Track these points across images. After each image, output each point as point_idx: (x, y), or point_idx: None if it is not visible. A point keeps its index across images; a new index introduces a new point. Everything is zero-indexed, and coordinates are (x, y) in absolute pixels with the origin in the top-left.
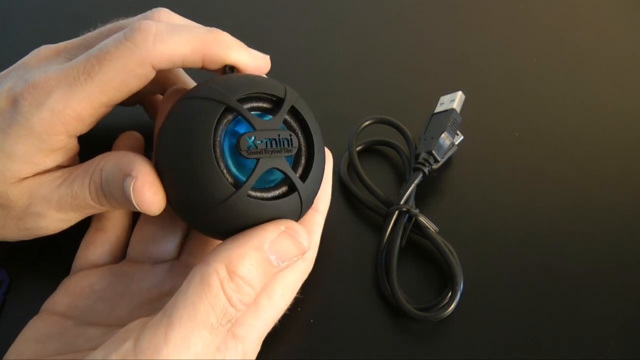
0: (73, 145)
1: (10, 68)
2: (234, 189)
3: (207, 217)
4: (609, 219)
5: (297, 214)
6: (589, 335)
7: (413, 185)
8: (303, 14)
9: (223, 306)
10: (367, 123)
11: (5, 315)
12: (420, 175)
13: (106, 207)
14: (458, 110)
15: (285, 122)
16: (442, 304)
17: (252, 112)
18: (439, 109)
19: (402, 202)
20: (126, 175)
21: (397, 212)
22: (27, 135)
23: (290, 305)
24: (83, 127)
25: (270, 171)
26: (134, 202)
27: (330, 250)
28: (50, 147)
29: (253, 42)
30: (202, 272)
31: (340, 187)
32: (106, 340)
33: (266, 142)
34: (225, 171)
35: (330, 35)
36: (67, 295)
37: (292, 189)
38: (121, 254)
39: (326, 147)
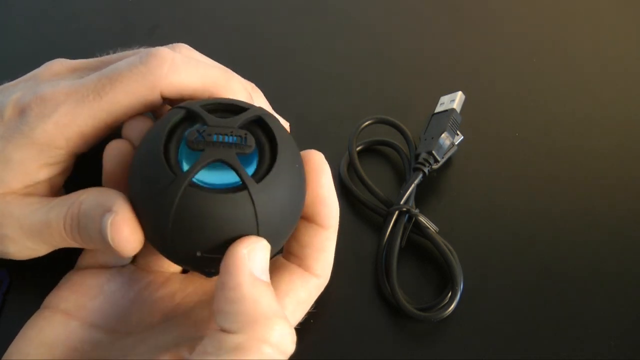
0: (69, 164)
1: (22, 78)
2: (173, 175)
3: (157, 213)
4: (609, 219)
5: (251, 221)
6: (589, 335)
7: (413, 185)
8: (303, 14)
9: None
10: (367, 123)
11: (5, 315)
12: (420, 175)
13: (77, 242)
14: (458, 110)
15: (247, 127)
16: (442, 304)
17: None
18: (439, 109)
19: (402, 202)
20: (106, 210)
21: (397, 212)
22: (27, 144)
23: (302, 319)
24: (84, 145)
25: (228, 174)
26: (109, 238)
27: None
28: (47, 160)
29: (253, 42)
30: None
31: (340, 187)
32: (113, 349)
33: (216, 136)
34: (171, 163)
35: (330, 35)
36: (73, 292)
37: (243, 187)
38: (131, 261)
39: (323, 153)
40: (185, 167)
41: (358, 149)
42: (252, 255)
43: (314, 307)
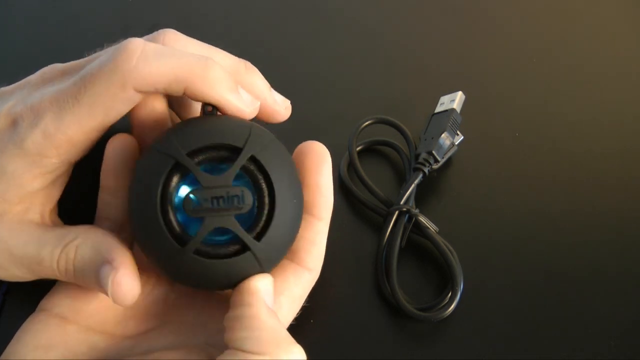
0: (64, 171)
1: (16, 85)
2: (178, 246)
3: (167, 271)
4: (609, 219)
5: (256, 268)
6: (589, 335)
7: (413, 185)
8: (303, 14)
9: None
10: (367, 123)
11: (5, 315)
12: (420, 175)
13: (70, 281)
14: (458, 110)
15: (244, 173)
16: (442, 304)
17: (204, 165)
18: (439, 109)
19: (402, 202)
20: (105, 262)
21: (397, 212)
22: (19, 155)
23: (297, 314)
24: (76, 152)
25: (224, 229)
26: (108, 292)
27: (330, 250)
28: (40, 170)
29: (253, 41)
30: None
31: (340, 187)
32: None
33: (213, 201)
34: (173, 228)
35: (330, 35)
36: (68, 295)
37: (245, 248)
38: None
39: (326, 147)
40: (185, 228)
41: (358, 149)
42: (265, 288)
43: (307, 301)
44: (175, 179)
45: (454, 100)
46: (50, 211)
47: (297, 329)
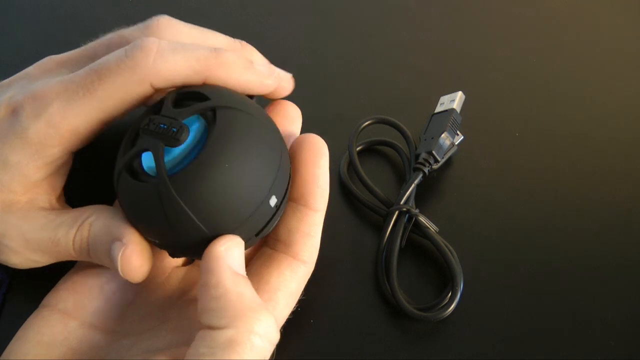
0: (66, 160)
1: (14, 77)
2: (130, 178)
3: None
4: (610, 219)
5: (157, 207)
6: (589, 335)
7: (413, 185)
8: (303, 13)
9: None
10: (367, 123)
11: (5, 315)
12: (420, 175)
13: (86, 259)
14: (458, 110)
15: (194, 120)
16: (442, 304)
17: (178, 104)
18: (439, 109)
19: (402, 202)
20: (115, 239)
21: (397, 212)
22: (22, 145)
23: (294, 308)
24: (79, 142)
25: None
26: (119, 268)
27: (331, 250)
28: (44, 160)
29: (253, 41)
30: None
31: (340, 187)
32: (111, 349)
33: (157, 125)
34: (132, 164)
35: (330, 35)
36: (73, 292)
37: (159, 179)
38: None
39: (325, 140)
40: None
41: (358, 149)
42: (229, 252)
43: (303, 294)
44: (151, 114)
45: (454, 100)
46: (57, 198)
47: (297, 329)
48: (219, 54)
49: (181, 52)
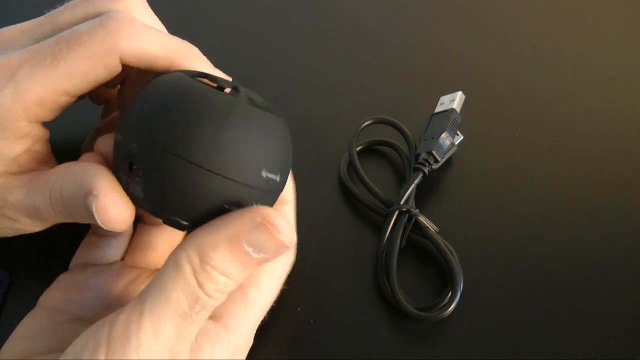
0: (39, 131)
1: None
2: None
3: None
4: (610, 219)
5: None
6: (589, 335)
7: (413, 185)
8: (303, 14)
9: (194, 293)
10: (367, 123)
11: (5, 315)
12: (420, 175)
13: (72, 220)
14: (458, 110)
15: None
16: (442, 304)
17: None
18: (439, 109)
19: (402, 202)
20: (87, 193)
21: (397, 212)
22: None
23: (277, 297)
24: (45, 114)
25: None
26: (98, 221)
27: (331, 250)
28: (14, 135)
29: (253, 42)
30: (176, 258)
31: (340, 187)
32: None
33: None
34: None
35: (330, 35)
36: (61, 289)
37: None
38: (120, 258)
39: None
40: None
41: (358, 149)
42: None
43: (286, 283)
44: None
45: (454, 100)
46: (40, 162)
47: (297, 329)
48: (189, 44)
49: (154, 32)
